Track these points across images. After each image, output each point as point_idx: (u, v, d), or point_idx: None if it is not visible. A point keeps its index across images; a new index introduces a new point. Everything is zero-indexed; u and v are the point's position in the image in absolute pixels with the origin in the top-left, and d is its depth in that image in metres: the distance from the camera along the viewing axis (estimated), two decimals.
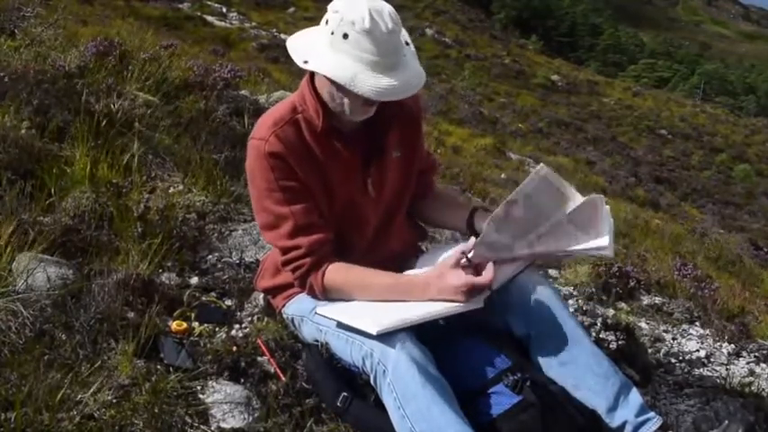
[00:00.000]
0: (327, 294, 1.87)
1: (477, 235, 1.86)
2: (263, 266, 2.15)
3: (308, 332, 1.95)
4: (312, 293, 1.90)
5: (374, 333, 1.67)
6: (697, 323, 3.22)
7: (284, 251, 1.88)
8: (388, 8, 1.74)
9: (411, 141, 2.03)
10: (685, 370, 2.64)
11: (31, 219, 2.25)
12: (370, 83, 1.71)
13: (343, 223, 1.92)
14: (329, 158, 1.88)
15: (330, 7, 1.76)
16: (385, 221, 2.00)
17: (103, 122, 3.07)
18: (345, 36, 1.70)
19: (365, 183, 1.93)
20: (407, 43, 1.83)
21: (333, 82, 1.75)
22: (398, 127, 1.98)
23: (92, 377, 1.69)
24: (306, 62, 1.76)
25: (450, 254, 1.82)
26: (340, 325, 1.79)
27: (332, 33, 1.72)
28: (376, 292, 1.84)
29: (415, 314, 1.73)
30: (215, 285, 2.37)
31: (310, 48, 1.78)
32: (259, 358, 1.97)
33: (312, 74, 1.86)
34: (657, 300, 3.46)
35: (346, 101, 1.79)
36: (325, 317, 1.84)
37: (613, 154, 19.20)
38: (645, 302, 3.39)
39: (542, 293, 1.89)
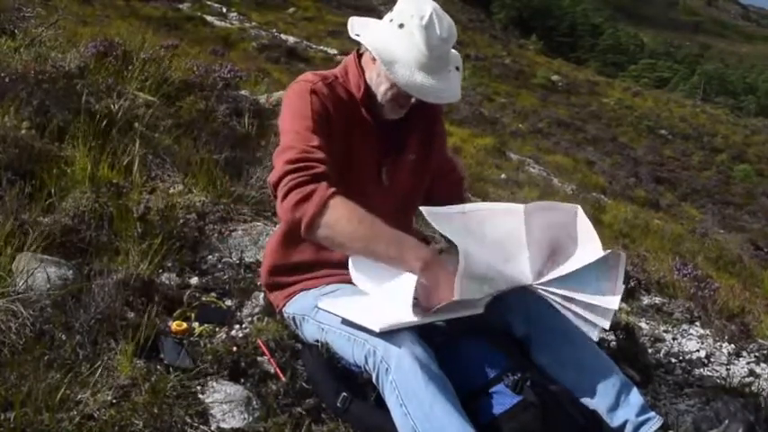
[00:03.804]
0: (323, 211, 1.68)
1: None
2: (267, 248, 2.13)
3: (308, 331, 1.95)
4: (300, 206, 1.69)
5: (377, 330, 1.67)
6: (697, 323, 3.22)
7: (301, 151, 1.74)
8: (450, 21, 1.85)
9: (427, 150, 2.09)
10: (685, 370, 2.64)
11: (31, 219, 2.25)
12: (405, 74, 1.80)
13: None
14: (357, 128, 1.93)
15: (399, 1, 1.87)
16: (392, 222, 1.99)
17: (103, 123, 3.07)
18: (401, 26, 1.81)
19: (380, 171, 1.98)
20: (458, 68, 1.93)
21: (375, 60, 1.86)
22: (419, 132, 2.05)
23: (92, 377, 1.69)
24: (358, 35, 1.88)
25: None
26: (344, 321, 1.79)
27: (390, 21, 1.84)
28: (385, 234, 1.72)
29: (417, 317, 1.73)
30: (215, 285, 2.38)
31: (367, 27, 1.90)
32: (259, 358, 1.97)
33: (360, 53, 1.96)
34: (657, 300, 3.46)
35: (381, 88, 1.88)
36: (327, 311, 1.84)
37: (613, 154, 19.17)
38: (645, 302, 3.39)
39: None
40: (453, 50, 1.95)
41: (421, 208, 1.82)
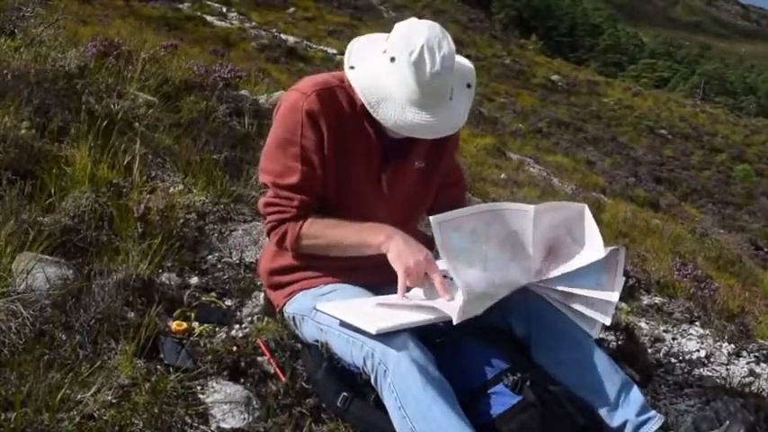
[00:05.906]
0: (299, 241, 1.87)
1: None
2: (263, 251, 2.15)
3: (308, 331, 1.94)
4: (280, 241, 1.90)
5: (373, 332, 1.67)
6: (697, 323, 3.22)
7: (276, 195, 1.89)
8: (447, 50, 1.72)
9: (437, 156, 2.02)
10: (685, 370, 2.64)
11: (31, 219, 2.25)
12: (394, 113, 1.73)
13: (351, 216, 1.91)
14: (357, 136, 1.88)
15: (396, 25, 1.78)
16: (397, 227, 1.97)
17: (104, 122, 3.07)
18: (393, 59, 1.72)
19: (380, 177, 1.93)
20: (469, 86, 1.84)
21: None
22: (428, 140, 1.94)
23: (92, 377, 1.69)
24: (352, 68, 1.80)
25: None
26: (342, 323, 1.79)
27: (384, 51, 1.76)
28: (348, 231, 1.85)
29: (415, 319, 1.73)
30: (215, 285, 2.38)
31: (363, 55, 1.81)
32: (259, 358, 1.97)
33: None
34: (657, 300, 3.46)
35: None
36: (325, 313, 1.83)
37: (613, 154, 19.16)
38: (645, 302, 3.39)
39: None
40: (466, 63, 1.87)
41: (430, 218, 1.76)
